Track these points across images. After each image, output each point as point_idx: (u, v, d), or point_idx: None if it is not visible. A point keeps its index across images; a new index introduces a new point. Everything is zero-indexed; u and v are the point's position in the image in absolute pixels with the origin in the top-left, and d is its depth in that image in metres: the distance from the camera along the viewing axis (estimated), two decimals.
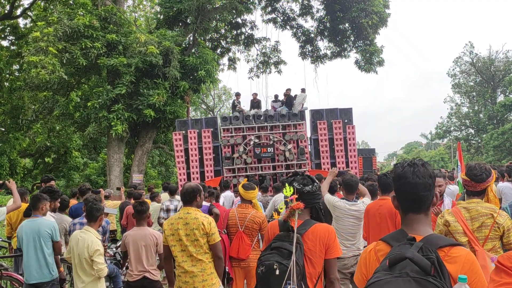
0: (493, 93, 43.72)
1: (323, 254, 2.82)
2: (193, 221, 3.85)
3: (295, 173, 3.09)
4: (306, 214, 2.93)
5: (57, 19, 15.65)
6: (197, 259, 3.84)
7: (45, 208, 5.07)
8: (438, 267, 1.55)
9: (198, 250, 3.85)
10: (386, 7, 20.57)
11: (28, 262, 4.87)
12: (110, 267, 5.32)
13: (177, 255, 3.89)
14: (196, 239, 3.84)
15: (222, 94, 43.46)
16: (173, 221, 3.94)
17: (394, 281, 1.52)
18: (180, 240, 3.86)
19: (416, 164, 1.84)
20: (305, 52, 24.61)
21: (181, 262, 3.86)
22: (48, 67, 14.29)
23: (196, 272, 3.83)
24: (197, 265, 3.84)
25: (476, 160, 37.96)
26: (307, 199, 2.91)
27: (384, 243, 1.83)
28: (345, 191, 5.04)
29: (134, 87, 16.60)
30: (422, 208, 1.81)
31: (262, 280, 2.70)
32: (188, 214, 3.91)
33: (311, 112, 15.43)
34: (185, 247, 3.85)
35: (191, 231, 3.84)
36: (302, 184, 2.92)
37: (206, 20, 18.21)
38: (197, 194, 4.03)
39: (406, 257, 1.56)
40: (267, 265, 2.67)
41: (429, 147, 75.12)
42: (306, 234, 2.81)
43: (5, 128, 21.66)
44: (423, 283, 1.49)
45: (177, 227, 3.87)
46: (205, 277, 3.85)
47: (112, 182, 17.03)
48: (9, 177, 20.61)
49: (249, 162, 14.37)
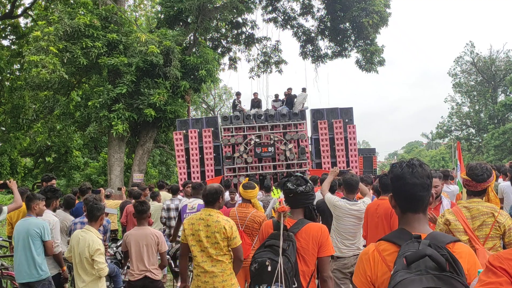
0: (494, 92, 43.68)
1: (316, 252, 2.91)
2: (215, 224, 3.81)
3: (289, 174, 3.19)
4: (300, 213, 3.05)
5: (58, 19, 15.66)
6: (217, 260, 3.82)
7: (38, 208, 5.07)
8: (453, 262, 1.57)
9: (218, 252, 3.82)
10: (386, 6, 20.55)
11: (18, 261, 4.90)
12: (111, 266, 5.32)
13: (196, 255, 3.86)
14: (217, 242, 3.80)
15: (223, 94, 43.44)
16: (194, 221, 3.90)
17: (418, 279, 1.52)
18: (200, 241, 3.83)
19: (415, 164, 1.86)
20: (306, 52, 24.60)
21: (200, 262, 3.83)
22: (48, 66, 14.30)
23: (216, 273, 3.80)
24: (217, 266, 3.82)
25: (477, 159, 37.92)
26: (300, 199, 3.02)
27: (387, 243, 1.82)
28: (346, 190, 5.04)
29: (134, 87, 16.61)
30: (420, 207, 1.84)
31: (255, 277, 2.82)
32: (210, 216, 3.87)
33: (311, 112, 15.42)
34: (205, 248, 3.82)
35: (212, 233, 3.80)
36: (296, 185, 3.02)
37: (207, 20, 18.20)
38: (220, 196, 3.98)
39: (426, 255, 1.56)
40: (259, 261, 2.80)
41: (430, 146, 75.10)
42: (299, 232, 2.91)
43: (6, 128, 21.68)
44: (445, 280, 1.50)
45: (198, 228, 3.84)
46: (225, 278, 3.83)
47: (112, 181, 17.04)
48: (10, 177, 20.62)
49: (249, 162, 14.37)
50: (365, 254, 1.87)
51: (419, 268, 1.55)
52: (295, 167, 14.22)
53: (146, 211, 4.94)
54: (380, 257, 1.80)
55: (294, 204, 3.07)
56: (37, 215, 5.06)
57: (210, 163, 14.76)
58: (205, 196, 3.97)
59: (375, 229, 4.42)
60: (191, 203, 6.18)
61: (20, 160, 23.21)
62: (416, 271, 1.55)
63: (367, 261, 1.85)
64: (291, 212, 3.07)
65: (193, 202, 6.17)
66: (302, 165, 14.28)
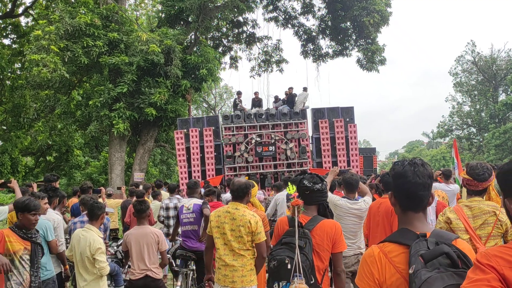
0: (495, 92, 43.62)
1: (330, 248, 3.03)
2: (240, 218, 3.87)
3: (303, 172, 3.27)
4: (314, 210, 3.17)
5: (59, 18, 15.66)
6: (239, 254, 3.86)
7: (42, 207, 5.06)
8: (465, 258, 1.60)
9: (241, 246, 3.87)
10: (387, 5, 20.54)
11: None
12: (112, 265, 5.33)
13: (219, 247, 3.92)
14: (241, 236, 3.85)
15: (224, 93, 43.45)
16: (220, 213, 3.96)
17: (440, 277, 1.53)
18: (224, 234, 3.89)
19: (417, 163, 1.87)
20: (307, 51, 24.58)
21: (222, 255, 3.89)
22: (49, 65, 14.30)
23: (236, 267, 3.84)
24: (238, 260, 3.86)
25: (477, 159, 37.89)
26: (316, 196, 3.15)
27: (393, 244, 1.79)
28: (346, 189, 5.04)
29: (135, 86, 16.61)
30: (420, 206, 1.85)
31: (274, 274, 2.92)
32: (237, 210, 3.93)
33: (312, 111, 15.43)
34: (228, 241, 3.87)
35: (237, 227, 3.86)
36: (312, 182, 3.13)
37: (208, 19, 18.20)
38: (249, 190, 4.06)
39: (444, 252, 1.59)
40: (278, 259, 2.89)
41: (431, 146, 74.99)
42: (314, 229, 3.02)
43: (7, 127, 21.71)
44: (463, 276, 1.50)
45: (224, 221, 3.90)
46: (245, 273, 3.86)
47: (113, 180, 17.05)
48: (11, 176, 20.65)
49: (250, 161, 14.38)
50: (370, 256, 1.82)
51: (435, 266, 1.57)
52: (296, 166, 14.22)
53: (145, 210, 4.93)
54: (386, 259, 1.77)
55: (309, 201, 3.16)
56: (40, 214, 5.04)
57: (211, 162, 14.77)
58: (234, 191, 4.02)
59: (376, 227, 4.45)
60: (187, 203, 6.13)
61: (21, 159, 23.24)
62: (434, 268, 1.56)
63: (373, 264, 1.80)
64: (305, 209, 3.15)
65: (189, 203, 6.11)
66: (303, 164, 14.28)
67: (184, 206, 6.10)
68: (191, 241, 5.98)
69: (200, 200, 6.12)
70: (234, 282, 3.82)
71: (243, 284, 3.83)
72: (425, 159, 60.90)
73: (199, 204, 5.97)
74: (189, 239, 6.00)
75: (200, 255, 5.85)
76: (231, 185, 4.12)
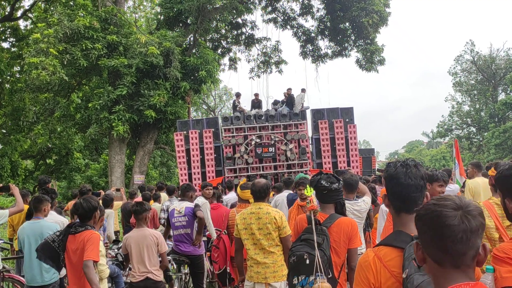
0: (494, 91, 43.62)
1: (347, 244, 3.20)
2: (266, 216, 4.04)
3: (320, 172, 3.45)
4: (331, 208, 3.34)
5: (58, 21, 15.66)
6: (269, 251, 4.03)
7: (47, 210, 5.06)
8: None
9: (270, 243, 4.03)
10: (386, 6, 20.56)
11: (29, 264, 4.81)
12: (112, 268, 5.32)
13: (249, 248, 4.09)
14: (269, 233, 4.02)
15: (223, 94, 43.48)
16: (245, 215, 4.12)
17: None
18: (252, 234, 4.06)
19: (409, 165, 1.87)
20: (306, 52, 24.60)
21: (253, 255, 4.04)
22: (48, 68, 14.31)
23: (268, 263, 4.01)
24: (269, 257, 4.03)
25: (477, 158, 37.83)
26: (333, 195, 3.32)
27: (387, 248, 1.78)
28: (346, 190, 5.03)
29: (135, 88, 16.62)
30: (413, 208, 1.82)
31: (294, 269, 3.09)
32: (260, 209, 4.10)
33: (312, 112, 15.42)
34: (258, 240, 4.04)
35: (264, 225, 4.03)
36: (329, 182, 3.30)
37: (207, 21, 18.22)
38: (269, 190, 4.26)
39: None
40: (298, 255, 3.06)
41: (431, 145, 74.97)
42: (331, 227, 3.18)
43: (6, 130, 21.71)
44: None
45: (250, 222, 4.07)
46: (276, 269, 4.02)
47: (113, 183, 17.04)
48: (11, 179, 20.65)
49: (250, 162, 14.37)
50: (365, 261, 1.81)
51: None
52: (296, 167, 14.21)
53: (141, 212, 4.88)
54: (381, 263, 1.76)
55: (327, 200, 3.34)
56: (44, 216, 5.04)
57: (211, 164, 14.76)
58: (256, 192, 4.19)
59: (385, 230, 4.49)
60: (178, 206, 5.96)
61: (21, 162, 23.22)
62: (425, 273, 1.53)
63: (368, 269, 1.79)
64: (323, 208, 3.34)
65: (180, 206, 5.93)
66: (303, 165, 14.27)
67: (175, 210, 5.91)
68: (184, 245, 5.82)
69: (192, 203, 5.96)
70: (266, 278, 4.00)
71: (275, 279, 4.01)
72: (425, 159, 60.89)
73: (191, 207, 5.82)
74: (182, 243, 5.84)
75: (193, 259, 5.83)
76: (252, 187, 4.29)
